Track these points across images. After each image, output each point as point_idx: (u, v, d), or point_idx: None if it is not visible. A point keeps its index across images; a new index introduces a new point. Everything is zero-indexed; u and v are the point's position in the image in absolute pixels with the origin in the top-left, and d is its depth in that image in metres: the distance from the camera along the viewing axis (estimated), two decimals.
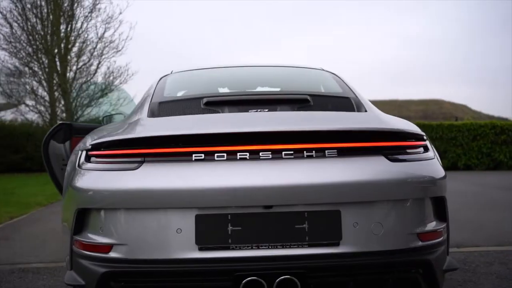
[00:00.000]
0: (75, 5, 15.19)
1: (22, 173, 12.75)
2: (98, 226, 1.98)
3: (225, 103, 2.42)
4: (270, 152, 1.94)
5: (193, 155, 1.94)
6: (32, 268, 3.39)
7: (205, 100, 2.41)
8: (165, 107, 2.45)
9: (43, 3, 14.87)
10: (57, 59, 15.00)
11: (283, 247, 1.87)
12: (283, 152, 1.94)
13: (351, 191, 1.89)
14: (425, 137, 2.17)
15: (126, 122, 2.39)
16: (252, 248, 1.86)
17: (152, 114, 2.36)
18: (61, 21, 14.99)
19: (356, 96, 2.60)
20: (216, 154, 1.93)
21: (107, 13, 17.35)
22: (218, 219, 1.87)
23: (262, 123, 2.04)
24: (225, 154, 1.93)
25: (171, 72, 3.23)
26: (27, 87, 15.62)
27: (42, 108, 15.60)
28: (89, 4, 15.32)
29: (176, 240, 1.87)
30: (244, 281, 1.83)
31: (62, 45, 15.03)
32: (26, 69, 15.35)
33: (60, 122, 3.81)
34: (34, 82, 15.59)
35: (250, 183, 1.86)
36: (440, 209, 2.11)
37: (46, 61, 15.08)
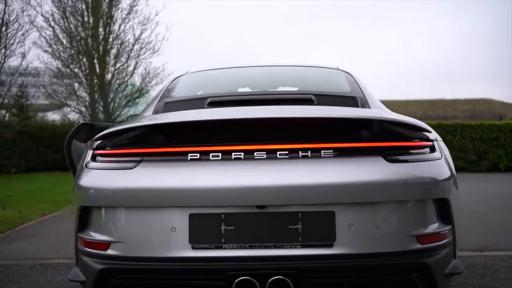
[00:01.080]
0: (113, 8, 15.60)
1: (61, 171, 13.19)
2: (98, 224, 2.03)
3: (228, 103, 2.43)
4: (264, 152, 1.94)
5: (189, 154, 1.96)
6: (52, 264, 3.51)
7: (208, 100, 2.44)
8: (170, 107, 2.49)
9: (83, 6, 15.34)
10: (96, 61, 15.43)
11: (276, 247, 1.86)
12: (278, 152, 1.94)
13: (346, 192, 1.86)
14: (430, 137, 2.11)
15: (132, 120, 2.45)
16: (245, 248, 1.86)
17: (156, 112, 2.41)
18: (100, 23, 15.41)
19: (364, 96, 2.56)
20: (211, 154, 1.95)
21: (144, 15, 17.72)
22: (212, 219, 1.88)
23: (252, 114, 2.05)
24: (220, 154, 1.95)
25: (186, 73, 3.28)
26: (69, 88, 16.15)
27: (83, 109, 16.09)
28: (127, 6, 15.71)
29: (170, 239, 1.89)
30: (236, 280, 1.83)
31: (101, 47, 15.45)
32: (68, 70, 15.86)
33: (82, 122, 3.92)
34: (76, 84, 16.11)
35: (243, 183, 1.86)
36: (443, 211, 2.05)
37: (86, 63, 15.55)
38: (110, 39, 15.57)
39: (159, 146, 2.02)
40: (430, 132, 2.11)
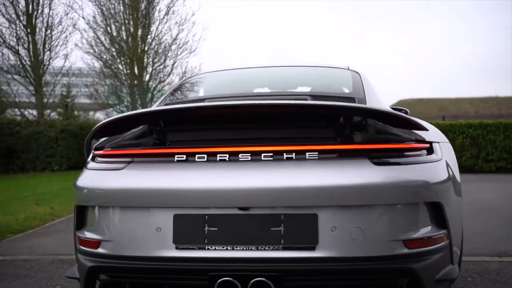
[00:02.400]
0: (151, 9, 15.93)
1: None
2: (90, 223, 2.10)
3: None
4: (249, 154, 1.95)
5: (176, 156, 2.00)
6: (70, 260, 3.63)
7: (205, 101, 2.47)
8: None
9: (121, 8, 15.76)
10: (134, 61, 15.82)
11: (258, 249, 1.86)
12: (263, 154, 1.94)
13: (329, 195, 1.84)
14: (426, 139, 2.05)
15: None
16: (227, 249, 1.87)
17: None
18: (138, 25, 15.78)
19: (365, 97, 2.51)
20: (197, 156, 1.98)
21: (180, 15, 18.01)
22: (195, 220, 1.91)
23: (228, 103, 2.05)
24: (205, 156, 1.97)
25: (195, 75, 3.33)
26: (111, 88, 16.65)
27: (124, 109, 16.55)
28: (164, 7, 16.02)
29: (156, 239, 1.93)
30: (219, 281, 1.85)
31: (140, 49, 15.82)
32: (109, 71, 16.34)
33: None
34: (117, 83, 16.58)
35: (226, 184, 1.88)
36: (436, 215, 1.99)
37: (126, 64, 15.97)
38: (148, 40, 15.93)
39: (149, 147, 2.07)
40: (426, 130, 2.02)
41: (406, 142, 2.00)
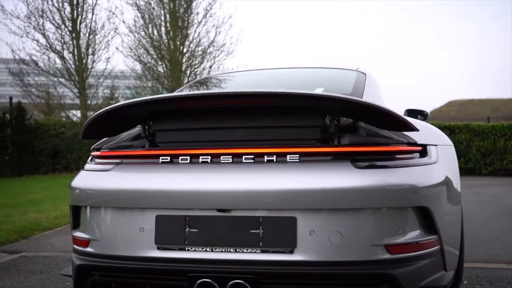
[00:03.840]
0: (189, 12, 16.19)
1: None
2: (82, 223, 2.17)
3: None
4: (230, 156, 1.95)
5: (160, 157, 2.03)
6: None
7: None
8: None
9: (161, 12, 16.11)
10: (173, 64, 16.12)
11: (236, 251, 1.86)
12: (244, 157, 1.94)
13: (307, 198, 1.82)
14: (418, 141, 1.99)
15: None
16: (206, 251, 1.89)
17: None
18: (177, 28, 16.07)
19: (361, 98, 2.45)
20: (180, 157, 2.00)
21: (217, 18, 18.19)
22: (176, 221, 1.93)
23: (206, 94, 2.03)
24: (188, 157, 1.99)
25: (205, 77, 3.37)
26: (154, 89, 17.03)
27: None
28: (202, 10, 16.25)
29: (139, 239, 1.96)
30: (198, 282, 1.86)
31: (178, 51, 16.10)
32: (149, 73, 16.73)
33: None
34: (158, 86, 16.95)
35: (205, 186, 1.89)
36: (425, 220, 1.93)
37: (165, 66, 16.30)
38: (187, 43, 16.18)
39: (136, 149, 2.11)
40: (415, 130, 1.90)
41: (393, 144, 1.94)
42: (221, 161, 1.96)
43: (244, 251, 1.85)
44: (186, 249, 1.90)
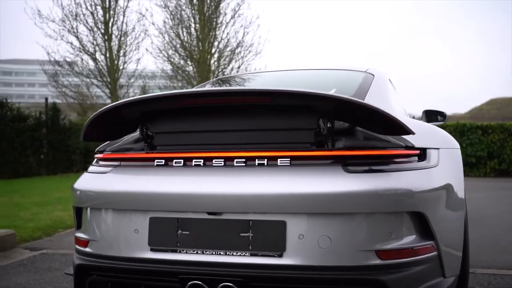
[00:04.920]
0: (218, 13, 16.30)
1: None
2: (82, 223, 2.23)
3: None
4: (223, 160, 1.97)
5: (155, 160, 2.06)
6: None
7: None
8: None
9: (189, 13, 16.28)
10: (201, 64, 16.27)
11: (226, 254, 1.87)
12: (235, 160, 1.95)
13: (297, 202, 1.81)
14: (416, 145, 1.95)
15: None
16: (197, 253, 1.91)
17: None
18: (205, 29, 16.21)
19: (363, 99, 2.42)
20: (174, 161, 2.03)
21: (245, 18, 18.23)
22: (169, 223, 1.96)
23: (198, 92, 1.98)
24: (182, 161, 2.02)
25: (217, 79, 3.40)
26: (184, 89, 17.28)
27: None
28: (230, 11, 16.32)
29: (133, 240, 2.00)
30: (189, 284, 1.89)
31: (206, 52, 16.24)
32: (179, 73, 16.94)
33: None
34: (188, 86, 17.15)
35: (196, 189, 1.91)
36: (420, 225, 1.90)
37: (195, 67, 16.47)
38: (215, 43, 16.30)
39: (133, 151, 2.16)
40: (413, 133, 1.86)
41: (387, 148, 1.91)
42: (213, 165, 1.98)
43: (234, 254, 1.86)
44: (178, 251, 1.93)
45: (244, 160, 1.94)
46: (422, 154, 2.02)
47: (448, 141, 2.38)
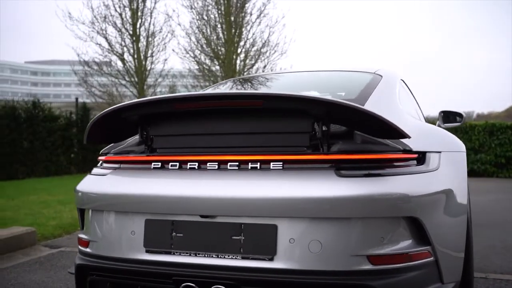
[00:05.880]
0: (244, 13, 16.33)
1: None
2: (84, 224, 2.28)
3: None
4: (216, 163, 1.99)
5: (152, 163, 2.10)
6: None
7: None
8: None
9: (216, 13, 16.38)
10: (227, 64, 16.35)
11: (218, 256, 1.89)
12: (229, 164, 1.97)
13: (288, 206, 1.81)
14: (414, 148, 1.93)
15: None
16: (190, 255, 1.93)
17: None
18: (231, 29, 16.27)
19: (365, 102, 2.39)
20: (170, 163, 2.06)
21: (271, 18, 18.20)
22: (163, 225, 1.99)
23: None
24: (177, 164, 2.05)
25: (227, 81, 3.43)
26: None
27: None
28: (256, 11, 16.33)
29: (130, 242, 2.04)
30: (182, 285, 1.91)
31: (232, 52, 16.31)
32: (205, 72, 17.08)
33: None
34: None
35: (189, 192, 1.93)
36: (415, 231, 1.87)
37: (221, 67, 16.57)
38: (241, 43, 16.35)
39: (134, 154, 2.20)
40: (408, 137, 1.85)
41: (382, 152, 1.89)
42: (208, 168, 2.00)
43: (226, 257, 1.88)
44: (172, 253, 1.95)
45: (237, 163, 1.96)
46: (421, 157, 1.98)
47: (452, 144, 2.34)
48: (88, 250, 2.19)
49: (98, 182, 2.19)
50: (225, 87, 3.19)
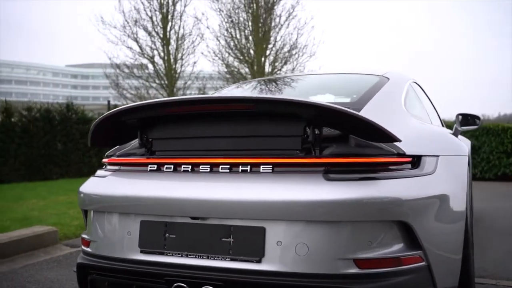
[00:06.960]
0: (272, 16, 16.37)
1: None
2: (86, 224, 2.36)
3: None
4: (208, 166, 2.02)
5: (148, 166, 2.15)
6: None
7: None
8: None
9: (244, 16, 16.48)
10: (256, 67, 16.42)
11: (208, 258, 1.92)
12: (220, 166, 2.00)
13: (276, 209, 1.82)
14: (407, 152, 1.91)
15: None
16: (182, 256, 1.96)
17: None
18: (259, 32, 16.34)
19: (364, 105, 2.37)
20: (165, 166, 2.11)
21: (299, 20, 18.14)
22: (157, 226, 2.03)
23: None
24: (172, 166, 2.09)
25: (237, 84, 3.47)
26: None
27: None
28: (285, 13, 16.34)
29: (126, 242, 2.10)
30: (174, 285, 1.95)
31: (261, 54, 16.37)
32: (232, 76, 17.22)
33: None
34: None
35: (181, 194, 1.97)
36: (406, 235, 1.85)
37: (250, 69, 16.66)
38: (270, 45, 16.39)
39: (131, 157, 2.25)
40: (399, 141, 1.83)
41: (372, 155, 1.87)
42: (200, 171, 2.03)
43: (215, 258, 1.90)
44: (165, 253, 1.99)
45: (228, 166, 1.98)
46: (416, 161, 1.96)
47: (453, 147, 2.30)
48: (89, 249, 2.26)
49: (99, 184, 2.26)
50: (242, 89, 3.21)
